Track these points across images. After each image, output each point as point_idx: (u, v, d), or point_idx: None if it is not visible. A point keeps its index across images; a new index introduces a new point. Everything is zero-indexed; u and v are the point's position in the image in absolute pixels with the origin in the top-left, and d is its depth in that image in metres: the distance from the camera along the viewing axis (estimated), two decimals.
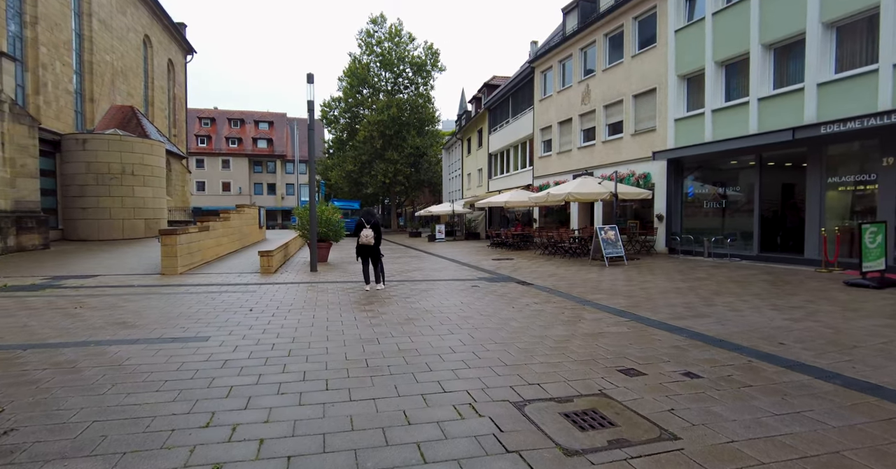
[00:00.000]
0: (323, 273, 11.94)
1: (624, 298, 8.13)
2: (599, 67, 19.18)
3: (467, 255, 18.11)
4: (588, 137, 20.26)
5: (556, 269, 12.51)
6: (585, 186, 14.97)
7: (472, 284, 9.95)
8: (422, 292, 8.88)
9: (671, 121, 15.52)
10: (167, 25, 35.39)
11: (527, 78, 25.74)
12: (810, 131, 10.74)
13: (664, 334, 5.72)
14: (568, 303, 7.78)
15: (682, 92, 15.32)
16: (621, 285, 9.62)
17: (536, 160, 24.29)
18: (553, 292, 8.84)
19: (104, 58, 25.83)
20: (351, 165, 44.71)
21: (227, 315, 6.66)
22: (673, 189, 15.56)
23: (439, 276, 11.64)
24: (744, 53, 13.04)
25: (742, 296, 8.20)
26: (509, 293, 8.76)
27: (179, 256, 11.51)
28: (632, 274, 11.38)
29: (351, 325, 6.10)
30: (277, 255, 12.62)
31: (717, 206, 14.46)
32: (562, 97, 21.95)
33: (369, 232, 9.04)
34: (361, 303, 7.76)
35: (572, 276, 11.27)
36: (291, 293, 8.69)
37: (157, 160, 18.85)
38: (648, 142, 16.60)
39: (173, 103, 38.17)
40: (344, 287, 9.49)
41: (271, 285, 9.70)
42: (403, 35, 45.70)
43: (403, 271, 12.60)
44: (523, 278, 10.86)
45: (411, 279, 10.96)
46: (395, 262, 15.17)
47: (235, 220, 19.00)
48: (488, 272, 12.20)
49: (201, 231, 13.65)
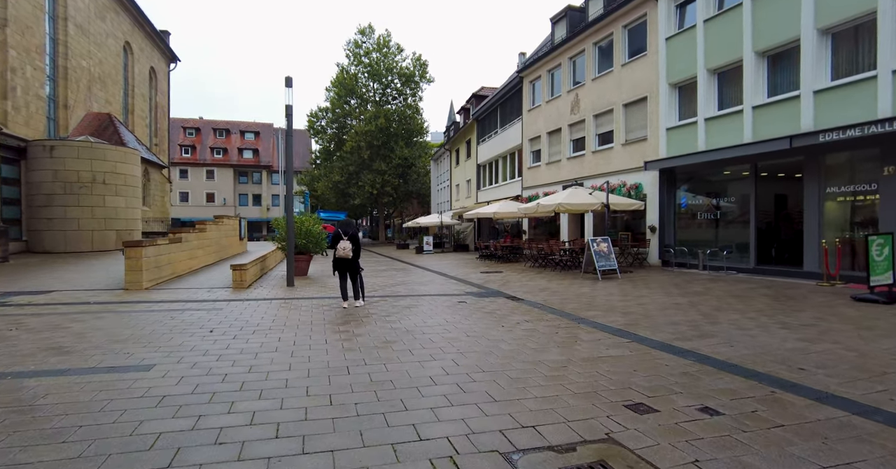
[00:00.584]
0: (300, 288, 11.21)
1: (621, 315, 7.56)
2: (589, 76, 18.89)
3: (455, 267, 17.48)
4: (578, 147, 19.89)
5: (548, 283, 11.93)
6: (576, 197, 14.50)
7: (458, 300, 9.31)
8: (404, 309, 8.22)
9: (663, 130, 15.18)
10: (149, 33, 34.69)
11: (515, 88, 25.45)
12: (808, 139, 10.38)
13: (670, 358, 5.13)
14: (562, 321, 7.18)
15: (673, 100, 15.01)
16: (617, 301, 9.05)
17: (525, 171, 23.88)
18: (545, 309, 8.24)
19: (80, 63, 25.02)
20: (338, 176, 44.03)
21: (183, 338, 5.94)
22: (666, 200, 15.15)
23: (424, 290, 10.98)
24: (737, 61, 12.75)
25: (746, 312, 7.67)
26: (498, 310, 8.13)
27: (145, 270, 10.72)
28: (626, 288, 10.83)
29: (320, 349, 5.42)
30: (252, 269, 11.87)
31: (711, 217, 14.05)
32: (551, 107, 21.63)
33: (347, 244, 8.42)
34: (336, 322, 7.07)
35: (564, 290, 10.69)
36: (261, 311, 7.97)
37: (131, 169, 18.03)
38: (640, 151, 16.23)
39: (155, 112, 37.31)
40: (320, 304, 8.79)
41: (241, 302, 8.96)
42: (392, 46, 45.49)
43: (387, 285, 11.92)
44: (513, 293, 10.25)
45: (394, 294, 10.29)
46: (378, 276, 14.48)
47: (213, 232, 18.19)
48: (476, 286, 11.58)
49: (172, 243, 12.86)
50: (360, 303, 8.58)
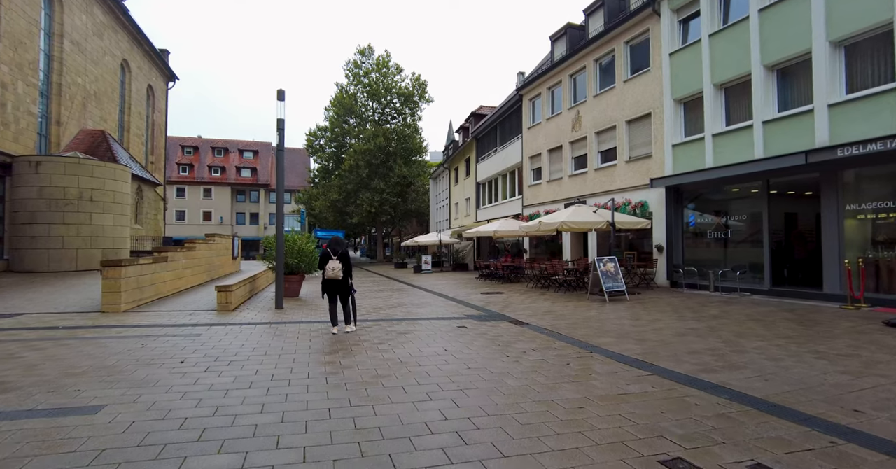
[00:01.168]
0: (289, 311, 10.53)
1: (636, 343, 6.90)
2: (590, 93, 18.58)
3: (454, 287, 16.81)
4: (579, 165, 19.46)
5: (552, 306, 11.27)
6: (580, 215, 13.95)
7: (458, 325, 8.64)
8: (399, 336, 7.55)
9: (668, 146, 14.74)
10: (148, 51, 34.68)
11: (514, 106, 25.21)
12: (825, 154, 9.89)
13: (700, 395, 4.48)
14: (572, 349, 6.52)
15: (678, 117, 14.61)
16: (629, 325, 8.40)
17: (526, 189, 23.42)
18: (553, 335, 7.57)
19: (75, 80, 24.77)
20: (336, 194, 43.63)
21: (149, 370, 5.27)
22: (673, 218, 14.61)
23: (422, 313, 10.31)
24: (744, 75, 12.37)
25: (771, 339, 7.02)
26: (502, 336, 7.47)
27: (124, 291, 10.05)
28: (637, 311, 10.18)
29: (300, 385, 4.75)
30: (238, 291, 11.21)
31: (721, 236, 13.48)
32: (551, 124, 21.30)
33: (336, 264, 7.71)
34: (323, 351, 6.41)
35: (571, 313, 10.04)
36: (243, 337, 7.30)
37: (120, 185, 17.49)
38: (644, 169, 15.77)
39: (152, 130, 37.07)
40: (308, 329, 8.11)
41: (223, 327, 8.28)
42: (391, 66, 45.69)
43: (382, 308, 11.25)
44: (516, 316, 9.59)
45: (389, 318, 9.62)
46: (374, 297, 13.80)
47: (203, 251, 17.56)
48: (477, 309, 10.91)
49: (156, 262, 12.22)
50: (350, 328, 7.90)
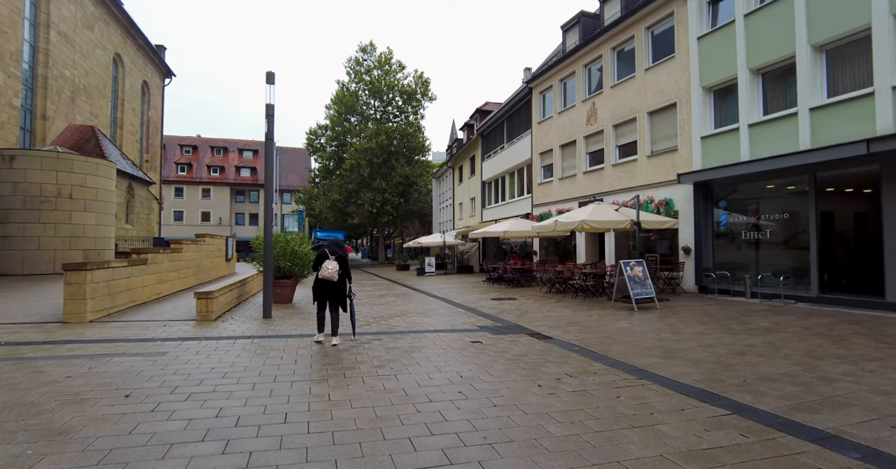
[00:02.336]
0: (279, 321, 9.31)
1: (689, 365, 5.66)
2: (607, 84, 17.34)
3: (461, 292, 15.57)
4: (595, 161, 18.21)
5: (574, 314, 10.03)
6: (601, 213, 12.70)
7: (471, 339, 7.41)
8: (403, 355, 6.32)
9: (696, 139, 13.48)
10: (142, 46, 33.55)
11: (523, 100, 23.98)
12: (891, 143, 8.63)
13: (817, 452, 3.25)
14: (615, 374, 5.28)
15: (708, 106, 13.36)
16: (671, 340, 7.15)
17: (535, 187, 22.16)
18: (585, 353, 6.33)
19: (63, 73, 23.64)
20: (336, 194, 42.45)
21: (76, 411, 4.04)
22: (702, 217, 13.35)
23: (429, 324, 9.07)
24: (787, 58, 11.12)
25: (856, 361, 5.76)
26: (526, 356, 6.23)
27: (90, 299, 8.86)
28: (673, 322, 8.93)
29: (272, 437, 3.52)
30: (222, 297, 9.98)
31: (758, 236, 12.22)
32: (563, 118, 20.05)
33: (333, 264, 6.94)
34: (311, 379, 5.18)
35: (598, 324, 8.79)
36: (216, 358, 6.08)
37: (104, 182, 16.32)
38: (669, 163, 14.51)
39: (147, 127, 35.93)
40: (297, 346, 6.88)
41: (197, 342, 7.06)
42: (393, 63, 44.54)
43: (383, 316, 10.03)
44: (537, 328, 8.35)
45: (392, 329, 8.39)
46: (375, 303, 12.58)
47: (191, 252, 16.36)
48: (490, 318, 9.68)
49: (133, 265, 11.02)
50: (336, 341, 6.84)
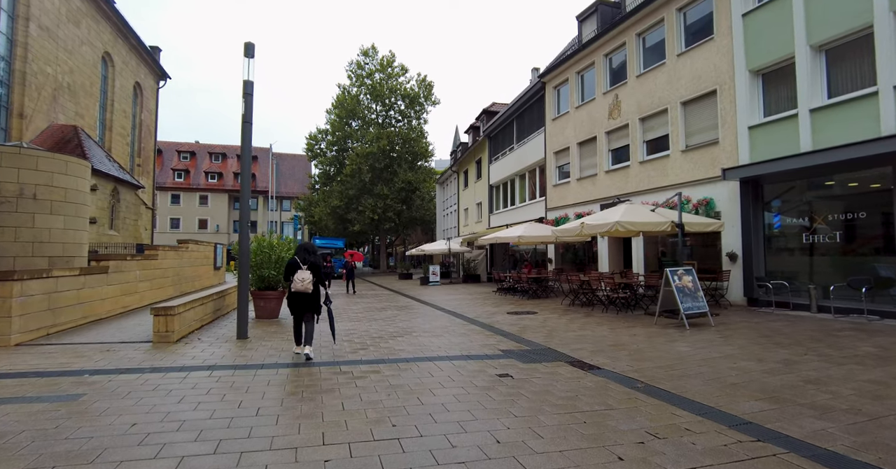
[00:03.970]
0: (255, 342, 7.57)
1: (817, 415, 3.88)
2: (631, 74, 15.70)
3: (472, 304, 13.81)
4: (619, 158, 16.51)
5: (614, 334, 8.26)
6: (636, 214, 10.97)
7: (498, 372, 5.64)
8: (409, 399, 4.57)
9: (742, 129, 11.79)
10: (135, 45, 32.20)
11: (535, 97, 22.37)
12: None
13: None
14: (718, 431, 3.50)
15: (756, 91, 11.68)
16: (758, 372, 5.37)
17: (550, 189, 20.45)
18: (657, 393, 4.56)
19: (44, 69, 22.19)
20: (337, 201, 40.86)
21: None
22: (751, 219, 11.60)
23: (439, 347, 7.32)
24: (860, 30, 9.46)
25: None
26: (578, 398, 4.47)
27: (19, 316, 7.17)
28: (742, 343, 7.15)
29: None
30: (188, 313, 8.24)
31: (822, 240, 10.45)
32: (581, 113, 18.40)
33: (306, 275, 6.37)
34: (272, 447, 3.43)
35: (650, 347, 7.02)
36: (147, 405, 4.33)
37: (75, 182, 14.65)
38: (708, 159, 12.81)
39: (139, 130, 34.48)
40: (268, 382, 5.13)
41: (136, 377, 5.32)
42: (395, 66, 43.22)
43: (383, 336, 8.27)
44: (575, 353, 6.59)
45: (393, 356, 6.63)
46: (375, 319, 10.83)
47: (170, 260, 14.68)
48: (513, 338, 7.91)
49: (87, 274, 9.33)
50: (309, 352, 6.23)
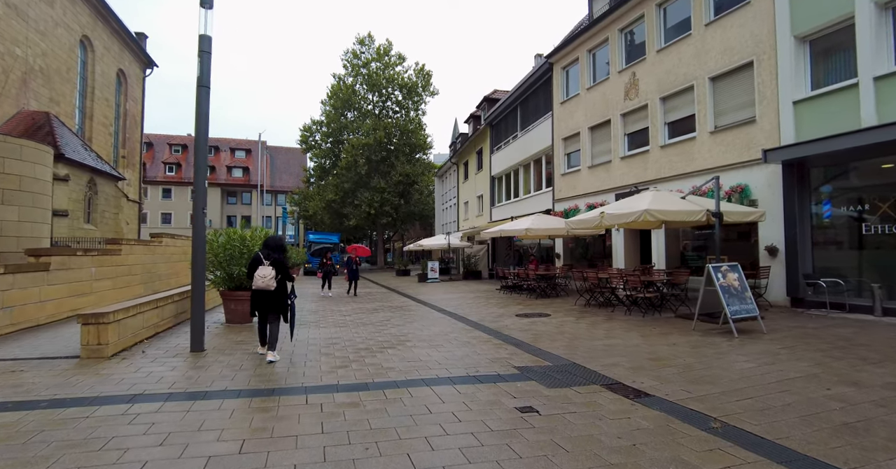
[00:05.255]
0: (211, 357, 6.09)
1: None
2: (651, 48, 14.17)
3: (475, 304, 12.35)
4: (636, 143, 15.01)
5: (646, 342, 6.79)
6: (665, 201, 9.48)
7: (516, 405, 4.16)
8: (393, 453, 3.08)
9: (785, 105, 10.29)
10: (117, 30, 30.50)
11: (541, 79, 20.82)
12: None
13: None
14: None
15: (802, 61, 10.17)
16: (866, 402, 3.90)
17: (558, 179, 18.94)
18: (745, 441, 3.08)
19: (12, 50, 20.59)
20: (332, 194, 39.31)
21: None
22: (795, 207, 10.12)
23: (437, 363, 5.83)
24: None
25: None
26: (637, 451, 2.98)
27: None
28: (817, 357, 5.67)
29: None
30: (130, 320, 6.72)
31: (887, 231, 8.97)
32: (594, 95, 16.87)
33: (268, 271, 5.88)
34: None
35: (700, 362, 5.56)
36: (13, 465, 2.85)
37: (32, 169, 13.17)
38: (743, 139, 11.32)
39: (124, 120, 32.84)
40: (209, 421, 3.64)
41: (20, 417, 3.84)
42: (392, 55, 41.54)
43: (371, 348, 6.80)
44: (610, 371, 5.11)
45: (379, 376, 5.15)
46: (365, 323, 9.35)
47: (137, 255, 13.20)
48: (527, 349, 6.44)
49: (15, 273, 7.82)
50: (273, 356, 5.76)
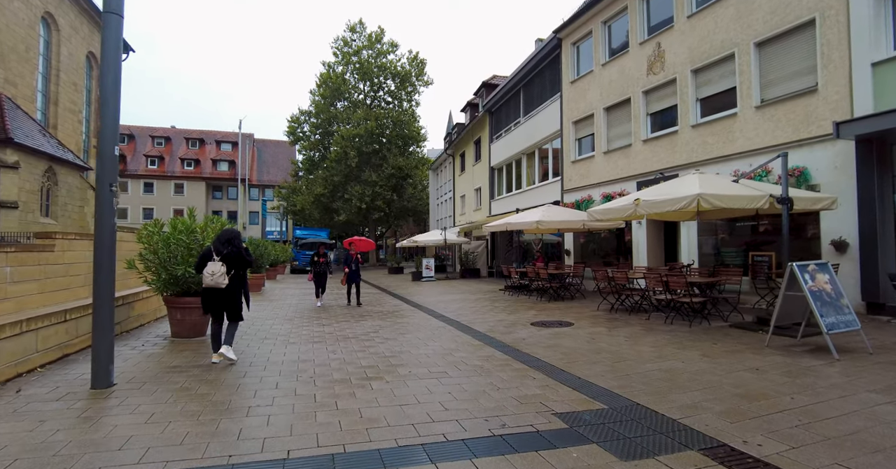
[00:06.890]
0: (119, 396, 4.16)
1: None
2: (680, 14, 12.32)
3: (478, 308, 10.48)
4: (661, 123, 13.17)
5: (717, 368, 4.94)
6: (717, 185, 7.66)
7: None
8: None
9: (861, 68, 8.49)
10: (86, 9, 28.22)
11: (547, 58, 18.92)
12: None
13: None
14: None
15: (883, 14, 8.36)
16: None
17: (567, 167, 17.08)
18: None
19: None
20: (321, 188, 37.26)
21: None
22: (874, 193, 8.33)
23: (439, 407, 3.94)
24: None
25: None
26: None
27: None
28: None
29: None
30: (9, 343, 4.74)
31: None
32: (610, 71, 15.00)
33: (217, 268, 5.20)
34: None
35: (815, 400, 3.71)
36: None
37: None
38: (800, 113, 9.51)
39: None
40: None
41: None
42: (384, 42, 39.47)
43: (347, 381, 4.90)
44: (697, 419, 3.24)
45: (354, 439, 3.24)
46: (346, 336, 7.44)
47: (79, 251, 11.12)
48: (560, 378, 4.57)
49: None
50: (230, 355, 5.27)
